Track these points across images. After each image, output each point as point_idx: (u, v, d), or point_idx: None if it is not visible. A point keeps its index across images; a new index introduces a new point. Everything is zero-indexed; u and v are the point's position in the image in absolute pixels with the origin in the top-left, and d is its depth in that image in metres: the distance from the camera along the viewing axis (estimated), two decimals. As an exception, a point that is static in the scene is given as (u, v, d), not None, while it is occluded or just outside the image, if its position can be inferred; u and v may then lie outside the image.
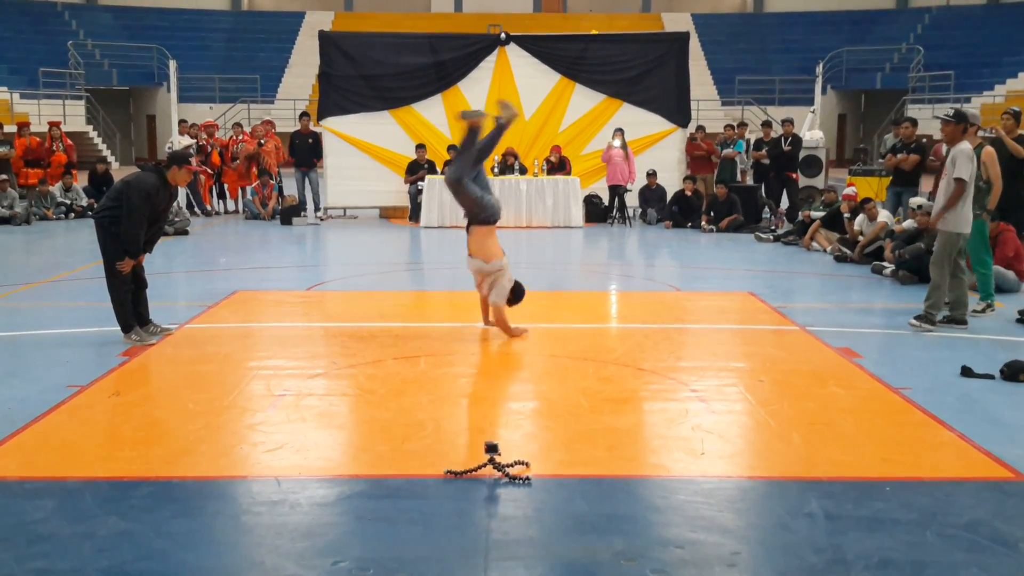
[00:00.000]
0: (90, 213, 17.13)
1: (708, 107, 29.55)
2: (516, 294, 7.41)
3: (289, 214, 16.26)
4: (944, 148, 9.85)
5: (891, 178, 13.67)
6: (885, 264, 10.77)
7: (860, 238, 11.80)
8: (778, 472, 4.67)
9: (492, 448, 4.56)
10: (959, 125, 7.86)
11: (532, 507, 4.17)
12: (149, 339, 7.22)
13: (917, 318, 7.86)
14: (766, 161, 16.61)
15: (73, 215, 16.91)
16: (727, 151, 17.09)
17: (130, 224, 7.03)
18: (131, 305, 7.27)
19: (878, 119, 32.33)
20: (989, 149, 8.37)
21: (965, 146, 7.79)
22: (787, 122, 16.95)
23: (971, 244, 8.36)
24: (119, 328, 7.23)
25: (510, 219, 15.39)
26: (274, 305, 9.13)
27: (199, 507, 4.17)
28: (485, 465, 4.49)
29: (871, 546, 3.76)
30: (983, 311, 8.46)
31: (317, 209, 17.05)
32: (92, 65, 32.29)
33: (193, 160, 7.30)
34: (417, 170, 16.53)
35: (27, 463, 4.69)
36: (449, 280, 10.76)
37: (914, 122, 13.50)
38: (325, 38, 17.47)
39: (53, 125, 18.37)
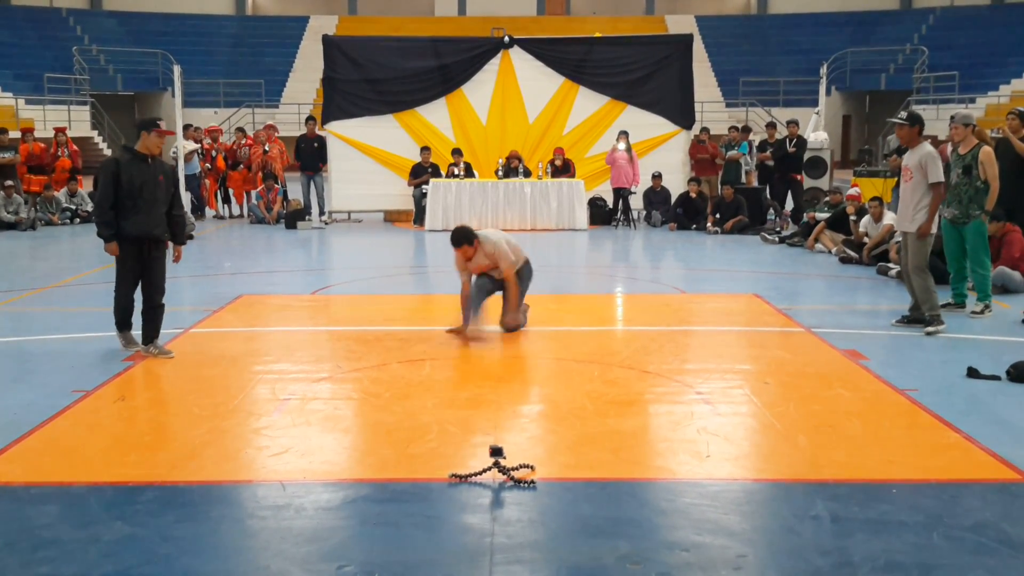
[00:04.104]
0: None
1: (712, 109, 29.56)
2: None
3: (294, 218, 16.29)
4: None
5: (896, 179, 13.64)
6: (890, 265, 10.74)
7: (865, 239, 11.77)
8: (784, 474, 4.65)
9: (497, 451, 4.56)
10: (914, 127, 7.88)
11: (537, 510, 4.17)
12: (135, 348, 7.06)
13: (927, 326, 7.78)
14: (771, 163, 16.60)
15: (78, 220, 16.94)
16: (731, 153, 17.08)
17: (96, 203, 7.06)
18: (132, 305, 7.07)
19: (883, 120, 32.26)
20: (987, 149, 8.34)
21: (929, 148, 7.83)
22: (791, 123, 16.96)
23: (971, 244, 8.33)
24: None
25: (515, 222, 15.44)
26: (279, 309, 9.14)
27: (204, 512, 4.18)
28: (490, 468, 4.49)
29: (877, 548, 3.75)
30: (981, 312, 8.42)
31: (322, 213, 17.08)
32: (97, 70, 32.37)
33: (162, 124, 7.24)
34: (421, 173, 16.53)
35: (32, 468, 4.70)
36: (453, 283, 10.69)
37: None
38: (329, 42, 17.49)
39: (59, 131, 18.41)
